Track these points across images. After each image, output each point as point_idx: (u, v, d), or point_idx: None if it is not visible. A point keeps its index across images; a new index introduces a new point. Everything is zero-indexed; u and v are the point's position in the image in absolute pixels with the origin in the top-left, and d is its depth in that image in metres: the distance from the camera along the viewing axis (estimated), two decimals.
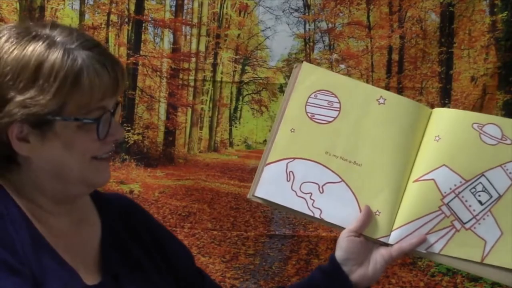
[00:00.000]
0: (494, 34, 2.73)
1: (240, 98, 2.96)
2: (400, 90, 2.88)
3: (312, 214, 1.10)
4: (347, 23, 2.80)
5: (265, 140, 4.45)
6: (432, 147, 1.09)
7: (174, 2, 2.86)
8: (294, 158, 1.12)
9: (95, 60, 0.92)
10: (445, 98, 2.81)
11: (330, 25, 2.79)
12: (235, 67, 2.89)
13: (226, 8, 2.84)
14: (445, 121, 1.10)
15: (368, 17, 2.78)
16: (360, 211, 1.09)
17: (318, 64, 2.88)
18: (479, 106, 2.80)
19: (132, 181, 2.85)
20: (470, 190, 1.04)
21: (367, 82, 2.86)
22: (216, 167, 2.96)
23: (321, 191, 1.11)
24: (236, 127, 2.98)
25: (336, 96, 1.13)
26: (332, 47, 2.83)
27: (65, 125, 0.92)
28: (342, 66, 2.86)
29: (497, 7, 2.73)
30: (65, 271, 0.94)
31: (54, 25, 0.96)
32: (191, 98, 2.94)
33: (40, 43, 0.90)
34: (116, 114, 1.00)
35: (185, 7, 2.86)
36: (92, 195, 1.10)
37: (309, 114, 1.14)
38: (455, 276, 3.25)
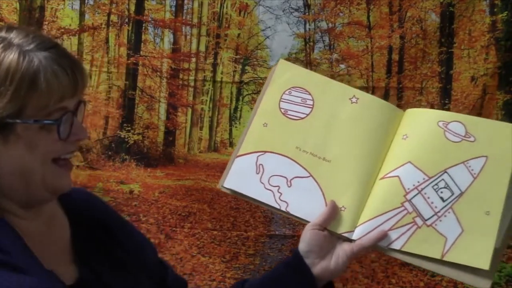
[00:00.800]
0: (494, 34, 2.73)
1: (240, 98, 2.96)
2: (400, 90, 2.88)
3: (278, 207, 1.11)
4: (347, 23, 2.80)
5: None
6: (400, 145, 1.10)
7: (174, 2, 2.86)
8: (265, 152, 1.13)
9: (52, 61, 0.91)
10: (445, 98, 2.81)
11: (330, 25, 2.79)
12: (235, 67, 2.89)
13: (226, 8, 2.84)
14: (413, 120, 1.11)
15: (368, 17, 2.78)
16: (326, 206, 1.10)
17: (318, 64, 2.88)
18: (479, 106, 2.80)
19: (132, 181, 2.85)
20: (432, 186, 1.04)
21: (367, 82, 2.86)
22: (216, 167, 2.96)
23: (289, 185, 1.12)
24: (236, 127, 2.98)
25: (309, 94, 1.15)
26: (332, 47, 2.83)
27: (26, 127, 0.91)
28: (342, 66, 2.86)
29: (497, 7, 2.73)
30: (45, 274, 0.94)
31: (10, 28, 0.95)
32: (191, 98, 2.94)
33: None
34: (79, 114, 0.98)
35: (185, 7, 2.86)
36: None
37: (283, 110, 1.16)
38: None
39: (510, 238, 1.01)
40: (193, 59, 2.87)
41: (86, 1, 2.91)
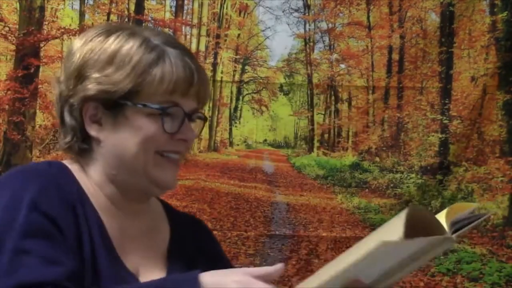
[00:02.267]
0: (494, 34, 2.74)
1: (240, 97, 2.96)
2: (400, 90, 2.88)
3: None
4: (347, 23, 2.80)
5: (265, 140, 4.43)
6: None
7: (174, 2, 2.86)
8: None
9: (172, 55, 0.96)
10: (445, 98, 2.81)
11: (330, 25, 2.80)
12: (235, 66, 2.89)
13: (226, 8, 2.84)
14: None
15: (368, 17, 2.78)
16: None
17: (318, 64, 2.87)
18: (479, 106, 2.81)
19: None
20: None
21: (368, 81, 2.87)
22: (216, 167, 2.96)
23: None
24: (236, 126, 2.98)
25: None
26: (332, 47, 2.84)
27: (135, 110, 0.95)
28: (342, 66, 2.86)
29: (497, 7, 2.73)
30: (126, 276, 0.94)
31: (146, 28, 1.04)
32: None
33: (125, 33, 0.97)
34: (197, 123, 1.00)
35: (185, 7, 2.86)
36: (165, 206, 1.11)
37: None
38: (455, 277, 3.24)
39: None
40: None
41: (86, 1, 2.91)
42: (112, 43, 0.96)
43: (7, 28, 4.37)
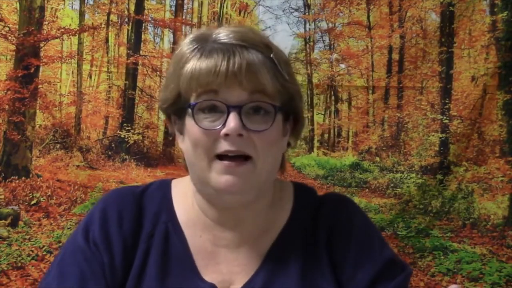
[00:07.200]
0: (494, 34, 2.73)
1: None
2: (400, 90, 2.88)
3: None
4: (347, 23, 2.80)
5: None
6: None
7: (174, 1, 2.86)
8: None
9: (208, 48, 0.85)
10: (445, 98, 2.80)
11: (330, 24, 2.79)
12: None
13: (226, 7, 2.84)
14: None
15: (368, 17, 2.78)
16: None
17: (318, 64, 2.88)
18: (479, 106, 2.80)
19: (132, 181, 2.85)
20: None
21: (368, 81, 2.87)
22: None
23: None
24: None
25: None
26: (332, 46, 2.83)
27: (187, 113, 0.88)
28: (342, 65, 2.86)
29: (497, 7, 2.73)
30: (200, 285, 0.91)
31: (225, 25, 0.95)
32: None
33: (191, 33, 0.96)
34: (251, 116, 0.85)
35: (185, 6, 2.86)
36: (299, 196, 1.00)
37: None
38: (455, 276, 3.24)
39: None
40: None
41: (86, 1, 2.91)
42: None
43: (7, 28, 4.38)
